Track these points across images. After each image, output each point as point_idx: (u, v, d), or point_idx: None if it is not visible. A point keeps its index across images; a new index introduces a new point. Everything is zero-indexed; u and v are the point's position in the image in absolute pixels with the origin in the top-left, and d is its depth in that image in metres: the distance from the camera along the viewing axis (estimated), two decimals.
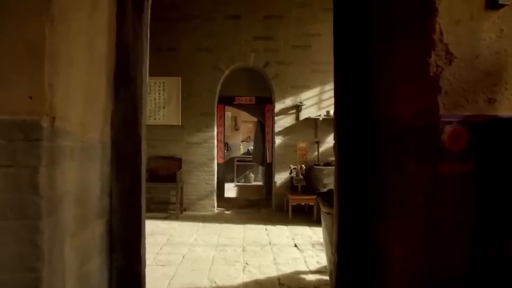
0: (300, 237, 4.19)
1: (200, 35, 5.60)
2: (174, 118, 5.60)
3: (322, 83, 5.72)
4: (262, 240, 4.06)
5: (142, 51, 1.31)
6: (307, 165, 5.57)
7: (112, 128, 1.30)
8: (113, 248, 1.26)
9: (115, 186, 1.28)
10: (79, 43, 1.03)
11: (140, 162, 1.31)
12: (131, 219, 1.28)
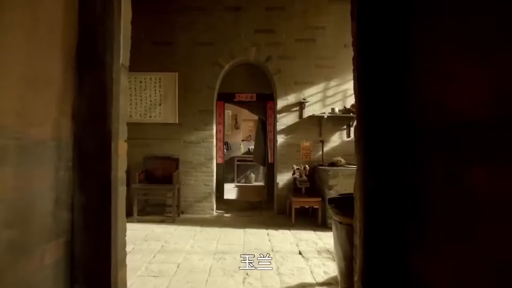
0: (304, 243, 3.90)
1: (198, 28, 5.30)
2: (171, 115, 5.30)
3: (327, 79, 5.43)
4: (264, 246, 3.76)
5: (113, 24, 1.02)
6: (311, 165, 5.28)
7: (74, 121, 1.01)
8: (75, 278, 0.98)
9: (78, 198, 0.99)
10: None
11: (110, 165, 1.02)
12: (99, 240, 0.99)
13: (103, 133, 1.04)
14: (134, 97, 5.29)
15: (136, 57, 5.22)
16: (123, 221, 1.38)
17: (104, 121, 1.05)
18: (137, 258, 3.39)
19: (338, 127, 5.45)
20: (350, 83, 5.41)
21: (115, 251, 1.05)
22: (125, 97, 1.45)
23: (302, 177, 4.93)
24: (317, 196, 4.78)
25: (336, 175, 4.55)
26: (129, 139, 4.55)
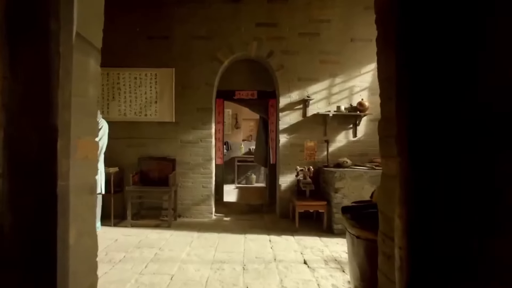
0: (310, 251, 3.61)
1: (196, 22, 5.02)
2: (167, 114, 5.02)
3: (332, 75, 5.13)
4: (266, 255, 3.47)
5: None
6: (315, 166, 4.99)
7: (4, 112, 0.73)
8: None
9: (5, 218, 0.71)
10: None
11: (56, 172, 0.74)
12: (41, 274, 0.71)
13: (45, 128, 0.76)
14: (128, 94, 5.01)
15: (130, 52, 4.95)
16: (87, 243, 1.10)
17: (46, 112, 0.76)
18: (127, 268, 3.11)
19: (344, 126, 5.16)
20: (357, 79, 5.13)
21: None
22: (93, 83, 1.17)
23: (306, 179, 4.64)
24: (322, 199, 4.48)
25: (343, 177, 4.26)
26: (123, 139, 4.27)
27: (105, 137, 4.10)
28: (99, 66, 1.22)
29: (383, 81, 1.23)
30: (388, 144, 1.14)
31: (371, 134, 5.14)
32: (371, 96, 5.13)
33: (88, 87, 1.14)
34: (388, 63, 1.13)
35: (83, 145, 1.11)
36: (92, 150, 1.19)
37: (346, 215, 1.80)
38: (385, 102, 1.20)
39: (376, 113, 5.09)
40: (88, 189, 1.15)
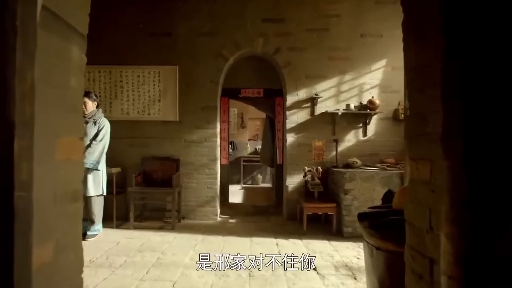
0: (319, 256, 3.43)
1: (200, 18, 4.87)
2: (171, 113, 4.88)
3: (341, 72, 4.95)
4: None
5: None
6: (324, 167, 4.81)
7: None
8: None
9: None
10: None
11: (13, 180, 0.58)
12: None
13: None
14: (131, 92, 4.88)
15: (133, 49, 4.80)
16: (69, 259, 0.95)
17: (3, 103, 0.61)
18: (128, 273, 2.97)
19: (354, 125, 4.97)
20: (367, 76, 4.93)
21: None
22: (75, 74, 1.01)
23: (315, 180, 4.47)
24: (331, 201, 4.31)
25: (353, 178, 4.08)
26: (126, 138, 4.11)
27: (107, 137, 3.97)
28: (84, 54, 1.07)
29: (412, 71, 1.06)
30: (419, 144, 0.97)
31: (381, 133, 4.95)
32: (382, 93, 4.93)
33: (69, 77, 0.99)
34: (422, 50, 0.95)
35: (64, 145, 0.96)
36: (76, 151, 1.03)
37: (364, 223, 1.63)
38: (415, 95, 1.03)
39: (387, 112, 4.90)
40: (70, 196, 0.99)
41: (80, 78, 1.05)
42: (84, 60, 1.07)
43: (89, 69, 4.84)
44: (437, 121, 0.87)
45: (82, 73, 1.06)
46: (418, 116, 0.98)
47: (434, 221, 0.85)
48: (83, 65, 1.06)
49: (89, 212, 3.93)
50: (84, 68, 1.07)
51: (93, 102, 3.95)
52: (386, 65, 4.92)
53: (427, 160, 0.91)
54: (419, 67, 1.00)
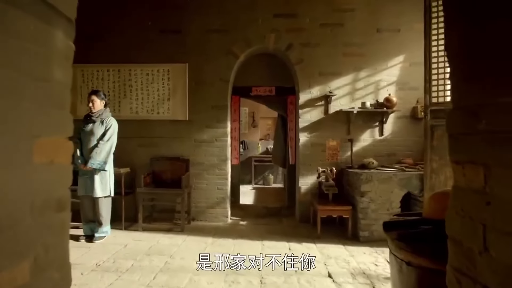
0: (334, 262, 3.26)
1: (210, 14, 4.74)
2: (180, 112, 4.77)
3: (357, 69, 4.75)
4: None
5: None
6: (338, 167, 4.63)
7: None
8: None
9: None
10: None
11: None
12: None
13: None
14: (140, 91, 4.78)
15: (142, 47, 4.68)
16: (52, 279, 0.81)
17: None
18: (134, 279, 2.85)
19: (369, 124, 4.76)
20: (384, 73, 4.72)
21: None
22: (61, 64, 0.88)
23: (329, 181, 4.28)
24: (347, 203, 4.12)
25: (370, 180, 3.88)
26: (135, 138, 4.00)
27: (114, 137, 3.87)
28: (71, 42, 0.93)
29: (458, 56, 0.88)
30: (467, 145, 0.80)
31: (399, 132, 4.73)
32: (399, 91, 4.71)
33: (52, 68, 0.85)
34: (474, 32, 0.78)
35: (45, 147, 0.82)
36: (61, 152, 0.90)
37: (391, 234, 1.45)
38: (462, 85, 0.85)
39: (405, 110, 4.68)
40: (54, 205, 0.86)
41: (67, 70, 0.91)
42: (72, 48, 0.93)
43: (97, 68, 4.78)
44: (494, 116, 0.70)
45: (69, 63, 0.93)
46: (466, 111, 0.81)
47: (492, 240, 0.68)
48: (70, 54, 0.93)
49: (97, 213, 3.84)
50: (72, 58, 0.94)
51: (101, 101, 3.86)
52: (404, 61, 4.69)
53: (479, 164, 0.74)
54: (468, 50, 0.82)
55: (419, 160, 4.46)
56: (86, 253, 3.49)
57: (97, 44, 4.77)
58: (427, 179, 3.60)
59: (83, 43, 4.82)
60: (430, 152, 3.59)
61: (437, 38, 3.52)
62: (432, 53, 3.55)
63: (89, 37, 4.76)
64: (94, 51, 4.77)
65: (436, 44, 3.52)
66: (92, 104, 3.79)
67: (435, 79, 3.56)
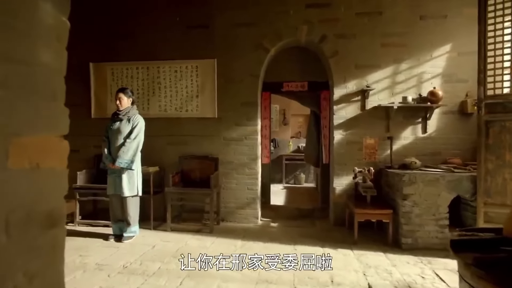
0: (374, 272, 2.96)
1: (238, 7, 4.56)
2: (209, 109, 4.63)
3: (397, 61, 4.38)
4: (321, 274, 2.89)
5: None
6: (376, 167, 4.29)
7: None
8: None
9: None
10: None
11: None
12: None
13: None
14: (169, 89, 4.70)
15: (170, 44, 4.57)
16: None
17: None
18: (160, 283, 2.73)
19: (411, 120, 4.38)
20: (427, 64, 4.33)
21: None
22: (49, 44, 0.71)
23: (367, 182, 3.97)
24: (387, 207, 3.79)
25: (413, 181, 3.53)
26: (164, 136, 3.89)
27: (141, 135, 3.79)
28: (65, 18, 0.75)
29: None
30: None
31: (444, 129, 4.31)
32: (445, 84, 4.29)
33: (36, 49, 0.68)
34: None
35: (28, 148, 0.66)
36: (53, 155, 0.73)
37: (464, 257, 1.17)
38: None
39: (452, 104, 4.26)
40: (42, 221, 0.69)
41: (58, 52, 0.74)
42: (66, 26, 0.76)
43: (127, 66, 4.75)
44: None
45: (62, 44, 0.75)
46: None
47: None
48: (64, 34, 0.75)
49: (125, 213, 3.78)
50: (66, 38, 0.76)
51: (129, 99, 3.79)
52: (451, 50, 4.26)
53: None
54: None
55: (468, 160, 4.03)
56: (114, 253, 3.43)
57: (126, 42, 4.74)
58: (481, 181, 3.21)
59: (112, 41, 4.82)
60: (485, 151, 3.20)
61: (494, 22, 3.12)
62: (487, 39, 3.15)
63: (118, 35, 4.76)
64: (123, 49, 4.75)
65: (493, 29, 3.12)
66: (119, 101, 3.73)
67: (491, 69, 3.16)
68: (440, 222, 3.47)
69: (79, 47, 4.84)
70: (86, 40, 4.80)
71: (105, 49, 4.80)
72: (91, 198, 4.50)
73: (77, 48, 4.84)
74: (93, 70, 4.80)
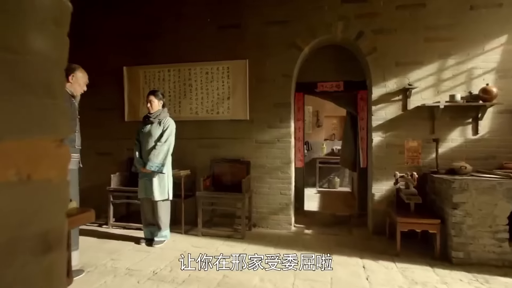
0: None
1: (270, 5, 4.41)
2: (241, 111, 4.51)
3: (443, 56, 4.02)
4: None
5: None
6: (420, 172, 3.95)
7: None
8: None
9: None
10: None
11: None
12: None
13: None
14: (200, 91, 4.63)
15: (201, 45, 4.47)
16: None
17: None
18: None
19: (460, 121, 4.00)
20: (479, 59, 3.94)
21: None
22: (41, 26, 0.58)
23: (410, 188, 3.65)
24: (433, 216, 3.45)
25: (465, 189, 3.18)
26: (195, 139, 3.79)
27: (172, 138, 3.73)
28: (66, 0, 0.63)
29: None
30: None
31: (500, 130, 3.89)
32: (500, 80, 3.88)
33: (27, 32, 0.55)
34: None
35: (15, 155, 0.53)
36: (49, 164, 0.60)
37: None
38: None
39: (508, 102, 3.85)
40: (32, 246, 0.56)
41: (57, 38, 0.62)
42: (68, 9, 0.63)
43: (158, 69, 4.74)
44: None
45: (61, 28, 0.63)
46: None
47: None
48: (63, 16, 0.63)
49: (156, 217, 3.73)
50: (67, 22, 0.63)
51: (159, 101, 3.75)
52: (507, 42, 3.85)
53: None
54: None
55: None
56: (145, 258, 3.38)
57: (157, 45, 4.74)
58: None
59: (144, 45, 4.83)
60: None
61: None
62: None
63: (149, 38, 4.77)
64: (154, 52, 4.76)
65: None
66: (150, 104, 3.69)
67: None
68: (497, 235, 3.09)
69: (113, 52, 4.93)
70: (120, 45, 4.87)
71: (138, 53, 4.83)
72: (124, 201, 4.52)
73: (112, 53, 4.93)
74: (126, 74, 4.84)
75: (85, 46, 4.94)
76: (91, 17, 4.96)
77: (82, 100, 3.15)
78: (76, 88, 2.92)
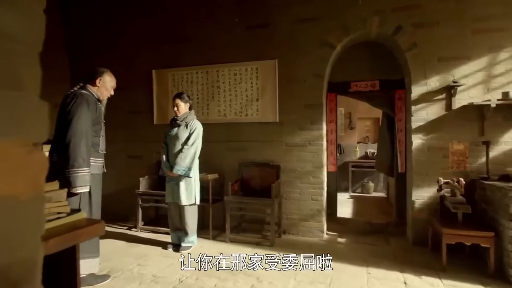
0: None
1: (299, 2, 4.22)
2: (270, 113, 4.34)
3: (493, 49, 3.64)
4: None
5: None
6: (467, 178, 3.59)
7: None
8: None
9: None
10: None
11: None
12: None
13: None
14: (228, 92, 4.52)
15: (229, 46, 4.33)
16: None
17: None
18: None
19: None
20: None
21: None
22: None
23: (457, 196, 3.30)
24: (486, 228, 3.09)
25: None
26: (223, 142, 3.62)
27: (199, 141, 3.63)
28: None
29: None
30: None
31: None
32: None
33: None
34: None
35: None
36: (15, 174, 0.46)
37: None
38: None
39: None
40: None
41: (30, 15, 0.48)
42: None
43: (187, 71, 4.69)
44: None
45: (37, 3, 0.49)
46: None
47: None
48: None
49: (183, 222, 3.64)
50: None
51: (186, 104, 3.67)
52: None
53: None
54: None
55: None
56: (171, 264, 3.29)
57: (185, 47, 4.69)
58: None
59: (172, 48, 4.81)
60: None
61: None
62: None
63: (178, 40, 4.74)
64: (182, 54, 4.71)
65: None
66: (177, 107, 3.62)
67: None
68: None
69: (142, 55, 4.94)
70: (148, 48, 4.87)
71: (166, 56, 4.81)
72: (153, 205, 4.49)
73: (141, 56, 4.95)
74: (155, 77, 4.83)
75: (115, 49, 5.00)
76: (121, 20, 5.01)
77: (113, 103, 3.14)
78: (103, 92, 2.88)
